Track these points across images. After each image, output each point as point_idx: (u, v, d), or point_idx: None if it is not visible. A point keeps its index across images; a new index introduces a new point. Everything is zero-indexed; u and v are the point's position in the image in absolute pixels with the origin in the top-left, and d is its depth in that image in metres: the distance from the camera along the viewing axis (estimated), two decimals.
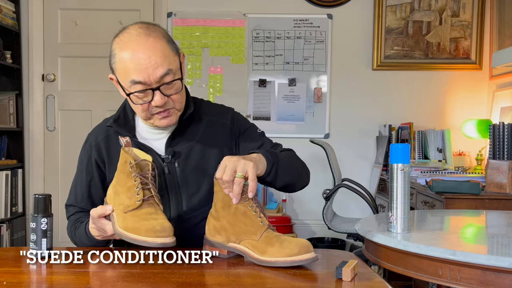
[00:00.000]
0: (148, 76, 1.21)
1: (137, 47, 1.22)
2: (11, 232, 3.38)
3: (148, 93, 1.23)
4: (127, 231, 1.13)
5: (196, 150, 1.35)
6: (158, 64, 1.21)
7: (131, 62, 1.22)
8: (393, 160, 1.35)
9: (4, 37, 3.50)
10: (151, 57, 1.21)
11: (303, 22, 3.61)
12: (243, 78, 3.64)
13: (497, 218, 1.80)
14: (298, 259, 1.08)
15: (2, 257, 1.23)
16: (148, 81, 1.22)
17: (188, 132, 1.37)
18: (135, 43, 1.23)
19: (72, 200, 1.42)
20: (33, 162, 3.65)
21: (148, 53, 1.21)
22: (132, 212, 1.15)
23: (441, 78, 3.61)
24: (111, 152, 1.37)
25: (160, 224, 1.11)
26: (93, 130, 1.44)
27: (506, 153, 2.60)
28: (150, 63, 1.20)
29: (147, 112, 1.27)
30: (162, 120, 1.29)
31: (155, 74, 1.21)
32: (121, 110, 1.40)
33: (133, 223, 1.13)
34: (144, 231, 1.11)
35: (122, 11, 3.66)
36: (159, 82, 1.22)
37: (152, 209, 1.16)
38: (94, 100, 3.69)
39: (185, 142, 1.35)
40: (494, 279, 1.15)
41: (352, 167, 3.56)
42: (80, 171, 1.42)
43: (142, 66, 1.20)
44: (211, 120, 1.40)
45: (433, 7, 3.57)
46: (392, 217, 1.36)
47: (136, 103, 1.26)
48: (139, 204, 1.15)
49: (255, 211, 1.17)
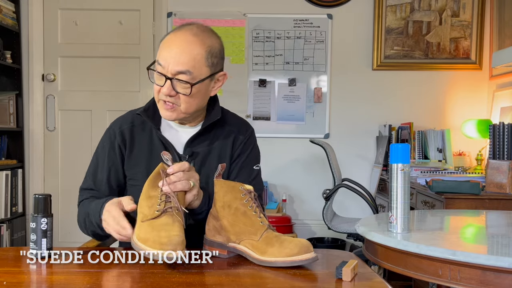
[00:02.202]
0: (168, 64, 1.29)
1: (179, 40, 1.31)
2: (11, 232, 3.38)
3: (162, 78, 1.31)
4: (139, 240, 1.09)
5: (213, 154, 1.41)
6: (181, 62, 1.29)
7: (166, 45, 1.32)
8: (393, 160, 1.35)
9: (4, 37, 3.50)
10: (180, 53, 1.29)
11: (303, 22, 3.61)
12: (243, 78, 3.64)
13: (497, 218, 1.80)
14: (298, 259, 1.08)
15: (2, 257, 1.23)
16: (166, 67, 1.29)
17: (209, 137, 1.43)
18: (180, 36, 1.32)
19: (90, 183, 1.42)
20: (33, 162, 3.65)
21: (181, 48, 1.30)
22: (148, 221, 1.11)
23: (441, 78, 3.61)
24: (135, 142, 1.41)
25: (168, 237, 1.05)
26: (116, 120, 1.47)
27: (506, 153, 2.60)
28: (176, 56, 1.29)
29: (157, 94, 1.34)
30: (164, 110, 1.35)
31: (175, 66, 1.29)
32: (151, 103, 1.44)
33: (145, 233, 1.08)
34: (151, 242, 1.06)
35: (122, 11, 3.66)
36: (173, 74, 1.29)
37: (169, 220, 1.10)
38: (94, 100, 3.69)
39: (204, 145, 1.41)
40: (494, 279, 1.15)
41: (352, 167, 3.56)
42: (101, 156, 1.43)
43: (169, 53, 1.30)
44: (231, 130, 1.46)
45: (433, 7, 3.57)
46: (392, 217, 1.36)
47: (152, 80, 1.34)
48: (157, 215, 1.11)
49: (255, 211, 1.17)
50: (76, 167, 3.65)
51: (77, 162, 3.64)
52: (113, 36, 3.67)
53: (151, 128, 1.41)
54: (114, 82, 3.68)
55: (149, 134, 1.41)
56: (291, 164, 3.65)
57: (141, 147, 1.40)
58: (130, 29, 3.66)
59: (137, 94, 3.68)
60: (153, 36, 3.65)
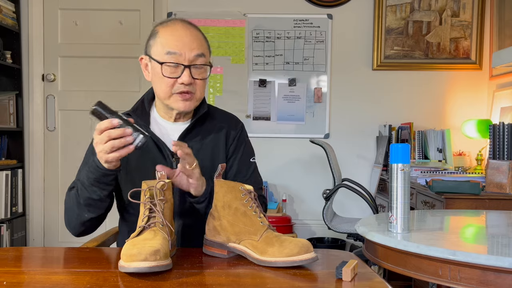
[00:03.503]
0: (184, 51, 1.31)
1: (182, 29, 1.34)
2: (11, 232, 3.39)
3: (179, 68, 1.31)
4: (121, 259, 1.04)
5: (205, 149, 1.42)
6: (195, 46, 1.32)
7: (172, 36, 1.32)
8: (393, 160, 1.35)
9: (4, 37, 3.50)
10: (191, 39, 1.33)
11: (303, 22, 3.61)
12: (243, 78, 3.64)
13: (497, 218, 1.80)
14: (298, 259, 1.08)
15: (2, 257, 1.23)
16: (182, 53, 1.31)
17: (201, 132, 1.43)
18: (179, 26, 1.35)
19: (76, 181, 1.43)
20: (33, 162, 3.65)
21: (190, 36, 1.33)
22: (130, 240, 1.08)
23: (441, 78, 3.61)
24: None
25: (139, 249, 1.01)
26: None
27: (506, 153, 2.60)
28: (189, 42, 1.32)
29: (171, 88, 1.34)
30: (181, 102, 1.35)
31: (191, 51, 1.31)
32: (139, 102, 1.45)
33: (125, 250, 1.04)
34: (125, 257, 1.02)
35: (122, 11, 3.66)
36: (191, 61, 1.31)
37: (149, 235, 1.08)
38: (94, 100, 3.67)
39: (196, 141, 1.42)
40: (494, 279, 1.15)
41: (352, 167, 3.56)
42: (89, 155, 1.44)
43: (181, 41, 1.31)
44: (221, 125, 1.47)
45: (433, 7, 3.57)
46: (392, 217, 1.36)
47: (165, 74, 1.32)
48: (139, 231, 1.09)
49: (255, 211, 1.17)
50: (76, 167, 3.62)
51: (77, 162, 3.62)
52: (113, 36, 3.67)
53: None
54: (114, 82, 3.68)
55: None
56: (291, 164, 3.65)
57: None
58: (130, 29, 3.67)
59: (137, 94, 3.68)
60: None
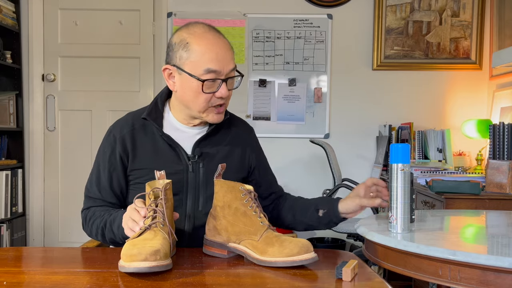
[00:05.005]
0: (223, 67, 1.32)
1: (214, 40, 1.33)
2: (11, 232, 3.38)
3: (216, 83, 1.32)
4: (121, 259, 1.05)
5: (221, 155, 1.42)
6: (230, 58, 1.34)
7: (211, 52, 1.31)
8: (393, 160, 1.34)
9: (4, 37, 3.50)
10: (226, 52, 1.34)
11: (303, 22, 3.61)
12: (243, 78, 3.63)
13: (497, 218, 1.80)
14: (298, 259, 1.08)
15: (2, 257, 1.23)
16: (222, 71, 1.32)
17: (217, 137, 1.44)
18: (211, 36, 1.34)
19: (95, 191, 1.41)
20: (33, 162, 3.65)
21: (224, 48, 1.34)
22: (131, 240, 1.08)
23: (441, 78, 3.61)
24: (137, 145, 1.40)
25: (139, 249, 1.01)
26: (116, 123, 1.46)
27: (506, 153, 2.60)
28: (226, 56, 1.33)
29: (208, 103, 1.34)
30: (216, 115, 1.37)
31: (228, 66, 1.33)
32: (153, 105, 1.45)
33: (125, 250, 1.04)
34: (125, 257, 1.02)
35: (122, 11, 3.66)
36: (228, 74, 1.33)
37: (150, 236, 1.08)
38: (94, 100, 3.69)
39: (213, 146, 1.42)
40: (494, 279, 1.15)
41: (352, 167, 3.56)
42: (102, 162, 1.42)
43: (220, 57, 1.32)
44: (238, 132, 1.50)
45: (433, 7, 3.57)
46: (392, 217, 1.36)
47: (205, 91, 1.32)
48: (140, 232, 1.10)
49: (255, 211, 1.17)
50: (76, 167, 3.65)
51: (77, 162, 3.65)
52: (113, 36, 3.67)
53: (153, 130, 1.40)
54: (114, 82, 3.68)
55: (152, 135, 1.40)
56: (291, 164, 3.65)
57: (145, 150, 1.39)
58: (130, 29, 3.67)
59: (137, 94, 3.68)
60: (153, 36, 3.65)
